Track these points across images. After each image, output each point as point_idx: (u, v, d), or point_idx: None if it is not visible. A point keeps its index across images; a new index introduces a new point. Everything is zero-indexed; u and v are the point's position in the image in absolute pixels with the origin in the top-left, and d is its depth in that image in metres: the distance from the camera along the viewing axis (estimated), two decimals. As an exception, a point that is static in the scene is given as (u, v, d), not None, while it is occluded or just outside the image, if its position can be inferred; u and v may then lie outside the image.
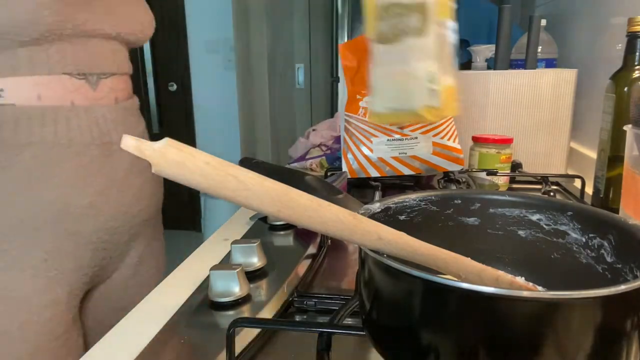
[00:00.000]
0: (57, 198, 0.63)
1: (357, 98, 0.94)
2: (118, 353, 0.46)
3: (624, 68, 0.75)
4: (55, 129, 0.62)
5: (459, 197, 0.44)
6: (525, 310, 0.28)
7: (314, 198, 0.30)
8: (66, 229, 0.64)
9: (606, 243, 0.38)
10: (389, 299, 0.33)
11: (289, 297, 0.52)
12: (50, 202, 0.62)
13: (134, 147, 0.25)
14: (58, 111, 0.62)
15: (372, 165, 0.93)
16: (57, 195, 0.63)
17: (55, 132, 0.62)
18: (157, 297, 0.57)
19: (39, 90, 0.61)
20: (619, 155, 0.77)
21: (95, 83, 0.67)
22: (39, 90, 0.61)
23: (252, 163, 0.82)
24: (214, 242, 0.73)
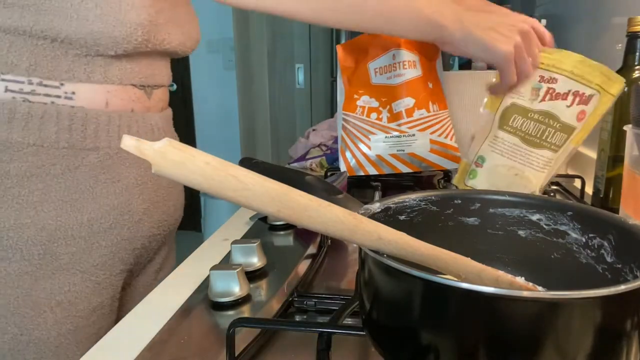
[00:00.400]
0: (118, 204, 0.64)
1: (354, 97, 0.94)
2: (118, 353, 0.46)
3: (624, 68, 0.75)
4: (119, 135, 0.63)
5: (459, 197, 0.44)
6: (525, 310, 0.28)
7: (314, 198, 0.30)
8: (121, 235, 0.65)
9: (606, 243, 0.38)
10: (389, 299, 0.33)
11: (289, 297, 0.52)
12: (112, 207, 0.63)
13: (134, 147, 0.25)
14: (122, 117, 0.64)
15: (370, 163, 0.93)
16: (119, 200, 0.64)
17: (120, 137, 0.63)
18: (157, 297, 0.57)
19: (108, 97, 0.62)
20: (619, 155, 0.77)
21: (150, 93, 0.69)
22: (108, 97, 0.62)
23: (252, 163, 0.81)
24: (214, 242, 0.73)
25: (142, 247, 0.70)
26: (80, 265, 0.62)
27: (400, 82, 0.90)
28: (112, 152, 0.63)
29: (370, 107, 0.93)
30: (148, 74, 0.67)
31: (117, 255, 0.65)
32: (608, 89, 0.69)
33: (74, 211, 0.60)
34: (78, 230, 0.61)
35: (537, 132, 0.71)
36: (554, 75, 0.70)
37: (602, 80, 0.68)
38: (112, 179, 0.63)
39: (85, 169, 0.61)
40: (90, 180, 0.61)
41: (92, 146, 0.61)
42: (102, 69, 0.61)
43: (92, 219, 0.62)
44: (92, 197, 0.61)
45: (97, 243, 0.63)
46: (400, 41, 0.90)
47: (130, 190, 0.65)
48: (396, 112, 0.91)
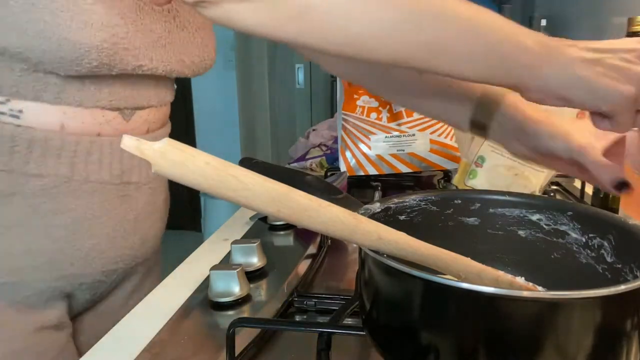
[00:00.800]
0: (59, 238, 0.57)
1: (354, 97, 0.94)
2: (118, 353, 0.46)
3: (624, 68, 0.75)
4: (72, 162, 0.56)
5: (459, 197, 0.44)
6: (525, 310, 0.28)
7: (314, 198, 0.30)
8: (61, 270, 0.59)
9: (606, 243, 0.38)
10: (389, 299, 0.33)
11: (289, 297, 0.52)
12: (50, 240, 0.57)
13: (134, 147, 0.25)
14: (79, 144, 0.56)
15: (370, 163, 0.93)
16: (60, 234, 0.57)
17: (72, 165, 0.56)
18: (157, 297, 0.57)
19: (64, 119, 0.55)
20: (619, 155, 0.77)
21: (129, 115, 0.61)
22: (64, 119, 0.55)
23: (252, 163, 0.81)
24: (214, 242, 0.73)
25: (93, 281, 0.63)
26: (12, 295, 0.57)
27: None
28: (59, 181, 0.56)
29: (370, 107, 0.93)
30: (124, 96, 0.60)
31: (57, 288, 0.59)
32: None
33: (6, 240, 0.55)
34: (9, 261, 0.56)
35: None
36: None
37: None
38: (55, 211, 0.56)
39: (23, 196, 0.54)
40: (27, 209, 0.55)
41: (35, 172, 0.54)
42: (56, 88, 0.54)
43: (27, 250, 0.56)
44: (29, 227, 0.55)
45: (31, 276, 0.57)
46: None
47: (77, 223, 0.58)
48: (396, 112, 0.91)
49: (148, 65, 0.59)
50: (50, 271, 0.58)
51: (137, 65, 0.57)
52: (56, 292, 0.60)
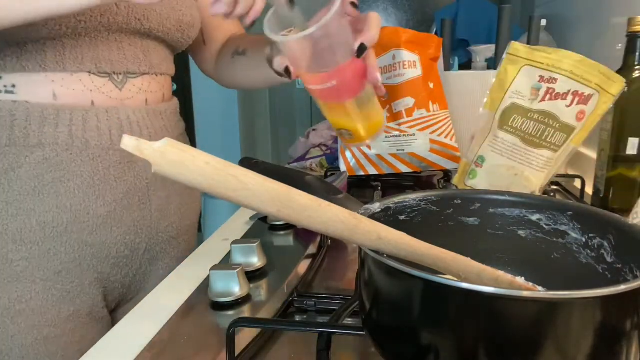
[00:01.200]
0: (71, 205, 0.58)
1: None
2: (118, 353, 0.46)
3: (624, 68, 0.75)
4: (70, 130, 0.58)
5: (459, 197, 0.44)
6: (525, 310, 0.28)
7: (314, 198, 0.30)
8: (82, 240, 0.60)
9: (606, 243, 0.38)
10: (389, 299, 0.33)
11: (289, 297, 0.52)
12: (63, 208, 0.58)
13: (134, 147, 0.25)
14: (74, 111, 0.58)
15: (370, 163, 0.93)
16: (71, 202, 0.58)
17: (70, 133, 0.58)
18: (157, 297, 0.57)
19: (54, 88, 0.57)
20: (619, 155, 0.77)
21: (122, 82, 0.61)
22: (54, 88, 0.57)
23: (252, 163, 0.81)
24: (214, 242, 0.73)
25: (118, 255, 0.64)
26: (40, 273, 0.58)
27: (400, 82, 0.90)
28: (60, 149, 0.57)
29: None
30: (107, 59, 0.59)
31: (83, 262, 0.61)
32: (608, 89, 0.69)
33: (21, 214, 0.56)
34: (29, 235, 0.57)
35: (536, 132, 0.71)
36: (553, 75, 0.70)
37: (601, 80, 0.69)
38: (61, 178, 0.58)
39: (29, 168, 0.56)
40: (35, 180, 0.56)
41: (36, 142, 0.56)
42: (37, 55, 0.55)
43: (43, 222, 0.57)
44: (39, 198, 0.57)
45: (53, 249, 0.58)
46: (401, 41, 0.90)
47: (85, 190, 0.59)
48: (396, 111, 0.91)
49: (113, 14, 0.58)
50: (70, 240, 0.59)
51: (101, 13, 0.56)
52: (85, 268, 0.61)
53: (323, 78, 0.56)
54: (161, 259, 0.71)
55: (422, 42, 0.92)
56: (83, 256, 0.61)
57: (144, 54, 0.64)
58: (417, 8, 1.89)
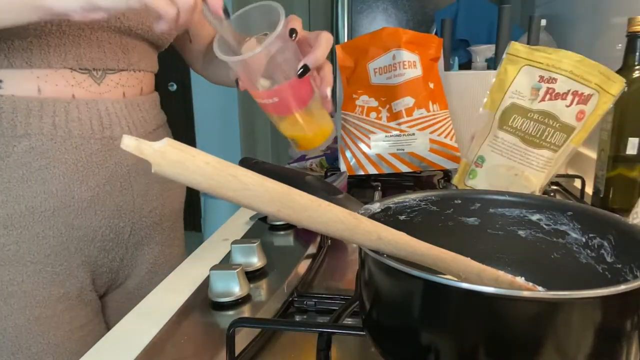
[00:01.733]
0: (57, 190, 0.62)
1: (353, 97, 0.95)
2: (118, 353, 0.46)
3: (624, 68, 0.75)
4: (54, 121, 0.61)
5: (459, 197, 0.44)
6: (525, 310, 0.28)
7: (314, 198, 0.30)
8: (69, 223, 0.63)
9: (606, 243, 0.38)
10: (389, 299, 0.33)
11: (289, 297, 0.52)
12: (49, 194, 0.61)
13: (134, 147, 0.25)
14: (57, 102, 0.61)
15: (370, 162, 0.93)
16: (57, 187, 0.62)
17: (54, 123, 0.61)
18: (157, 297, 0.57)
19: (39, 83, 0.61)
20: (619, 155, 0.77)
21: (100, 78, 0.65)
22: (39, 83, 0.61)
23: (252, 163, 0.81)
24: (214, 242, 0.73)
25: (103, 238, 0.67)
26: (30, 256, 0.61)
27: (400, 82, 0.90)
28: (45, 138, 0.61)
29: (370, 107, 0.93)
30: (88, 56, 0.63)
31: (71, 245, 0.64)
32: (608, 89, 0.69)
33: (10, 200, 0.60)
34: (18, 220, 0.60)
35: (536, 132, 0.71)
36: (553, 75, 0.70)
37: (601, 80, 0.69)
38: (47, 165, 0.61)
39: (16, 157, 0.60)
40: (22, 168, 0.60)
41: (22, 133, 0.60)
42: (24, 53, 0.59)
43: (31, 207, 0.61)
44: (27, 184, 0.60)
45: (42, 232, 0.62)
46: (401, 42, 0.90)
47: (70, 176, 0.62)
48: (396, 111, 0.91)
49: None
50: (57, 224, 0.62)
51: None
52: (72, 252, 0.64)
53: (267, 94, 0.61)
54: (146, 243, 0.74)
55: (422, 42, 0.92)
56: (70, 239, 0.64)
57: (123, 51, 0.67)
58: (417, 8, 1.89)
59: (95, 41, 0.63)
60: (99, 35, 0.63)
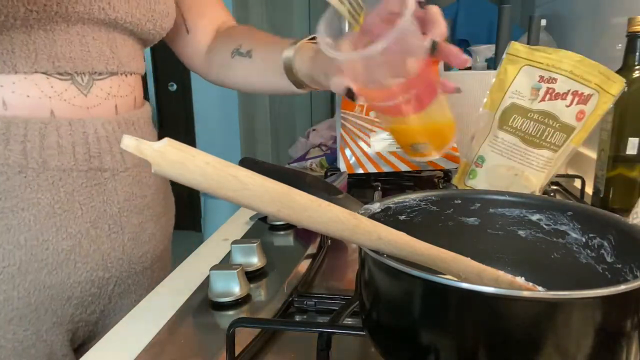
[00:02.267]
0: (26, 240, 0.49)
1: None
2: (118, 353, 0.46)
3: (624, 68, 0.75)
4: (24, 148, 0.48)
5: (459, 197, 0.44)
6: (525, 310, 0.28)
7: (314, 198, 0.30)
8: (39, 281, 0.51)
9: (606, 243, 0.38)
10: (389, 299, 0.33)
11: (289, 297, 0.52)
12: (15, 244, 0.49)
13: (134, 147, 0.25)
14: (29, 124, 0.48)
15: (370, 161, 0.93)
16: (26, 236, 0.49)
17: (24, 151, 0.48)
18: (157, 297, 0.57)
19: (3, 94, 0.47)
20: (619, 155, 0.77)
21: (87, 86, 0.52)
22: (3, 94, 0.47)
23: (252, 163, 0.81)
24: (214, 242, 0.73)
25: (83, 294, 0.54)
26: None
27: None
28: (11, 172, 0.47)
29: (370, 106, 0.94)
30: (72, 56, 0.49)
31: (41, 307, 0.51)
32: (608, 89, 0.69)
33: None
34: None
35: (536, 132, 0.71)
36: (553, 75, 0.70)
37: (601, 80, 0.69)
38: (13, 207, 0.48)
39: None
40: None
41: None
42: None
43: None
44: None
45: (3, 293, 0.49)
46: None
47: (43, 221, 0.49)
48: (396, 112, 0.91)
49: (75, 8, 0.48)
50: (24, 283, 0.50)
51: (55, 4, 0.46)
52: (41, 314, 0.52)
53: (394, 92, 0.49)
54: (133, 290, 0.62)
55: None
56: (40, 300, 0.51)
57: (111, 49, 0.54)
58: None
59: (75, 36, 0.50)
60: (79, 29, 0.50)
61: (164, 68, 3.28)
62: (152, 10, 0.57)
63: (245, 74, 0.68)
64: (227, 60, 0.69)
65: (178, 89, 3.32)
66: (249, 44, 0.67)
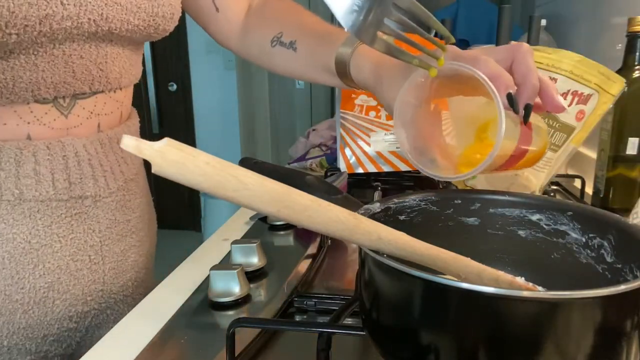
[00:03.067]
0: (1, 278, 0.46)
1: (351, 97, 0.95)
2: (118, 353, 0.46)
3: (624, 68, 0.75)
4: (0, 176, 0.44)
5: (459, 197, 0.44)
6: (525, 310, 0.28)
7: (314, 198, 0.30)
8: (13, 323, 0.47)
9: (606, 243, 0.38)
10: (389, 299, 0.33)
11: (289, 297, 0.52)
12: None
13: (134, 147, 0.25)
14: (4, 150, 0.44)
15: (370, 160, 0.93)
16: (2, 274, 0.46)
17: (2, 179, 0.44)
18: (157, 297, 0.57)
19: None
20: (619, 155, 0.77)
21: (68, 107, 0.47)
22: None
23: (252, 163, 0.81)
24: (214, 242, 0.73)
25: (59, 331, 0.51)
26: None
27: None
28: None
29: (369, 106, 0.94)
30: (54, 81, 0.44)
31: (14, 349, 0.48)
32: (607, 89, 0.69)
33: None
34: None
35: None
36: (553, 75, 0.70)
37: (601, 80, 0.69)
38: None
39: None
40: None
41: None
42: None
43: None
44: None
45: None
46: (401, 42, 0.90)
47: (19, 258, 0.46)
48: (396, 112, 0.91)
49: (61, 24, 0.41)
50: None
51: (43, 16, 0.39)
52: (14, 355, 0.48)
53: (509, 162, 0.46)
54: (112, 320, 0.57)
55: (422, 43, 0.92)
56: (14, 342, 0.48)
57: (99, 67, 0.48)
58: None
59: (59, 57, 0.44)
60: (65, 48, 0.44)
61: (164, 68, 3.28)
62: (154, 14, 0.50)
63: (286, 66, 0.62)
64: (266, 48, 0.61)
65: (178, 89, 3.32)
66: (292, 33, 0.59)
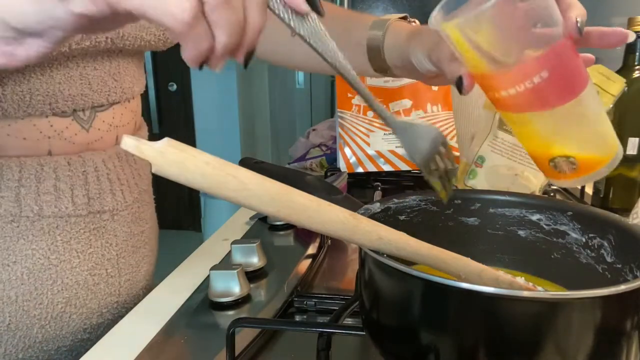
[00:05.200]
0: (17, 296, 0.45)
1: (348, 96, 0.95)
2: (118, 353, 0.46)
3: (624, 68, 0.75)
4: (18, 196, 0.44)
5: (459, 197, 0.44)
6: (525, 310, 0.28)
7: (314, 198, 0.30)
8: (30, 337, 0.47)
9: (606, 243, 0.38)
10: (389, 299, 0.33)
11: (289, 297, 0.52)
12: (5, 301, 0.45)
13: (134, 147, 0.25)
14: (25, 167, 0.43)
15: (369, 160, 0.93)
16: (17, 291, 0.45)
17: (18, 199, 0.44)
18: (157, 297, 0.57)
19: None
20: (619, 155, 0.77)
21: (89, 120, 0.47)
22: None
23: (252, 163, 0.81)
24: (214, 242, 0.73)
25: (73, 342, 0.51)
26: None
27: (400, 85, 0.91)
28: (2, 222, 0.44)
29: (366, 106, 0.94)
30: (72, 93, 0.44)
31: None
32: (608, 89, 0.69)
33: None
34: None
35: None
36: None
37: (601, 80, 0.68)
38: (4, 260, 0.44)
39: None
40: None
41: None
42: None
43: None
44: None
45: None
46: None
47: (37, 273, 0.46)
48: (393, 111, 0.92)
49: (80, 44, 0.42)
50: (13, 340, 0.46)
51: None
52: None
53: (525, 71, 0.35)
54: None
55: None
56: (28, 355, 0.48)
57: (114, 77, 0.49)
58: (417, 7, 1.89)
59: (75, 70, 0.44)
60: (80, 62, 0.45)
61: (164, 68, 3.28)
62: (164, 30, 0.50)
63: (306, 59, 0.57)
64: (283, 39, 0.54)
65: (178, 89, 3.32)
66: None
